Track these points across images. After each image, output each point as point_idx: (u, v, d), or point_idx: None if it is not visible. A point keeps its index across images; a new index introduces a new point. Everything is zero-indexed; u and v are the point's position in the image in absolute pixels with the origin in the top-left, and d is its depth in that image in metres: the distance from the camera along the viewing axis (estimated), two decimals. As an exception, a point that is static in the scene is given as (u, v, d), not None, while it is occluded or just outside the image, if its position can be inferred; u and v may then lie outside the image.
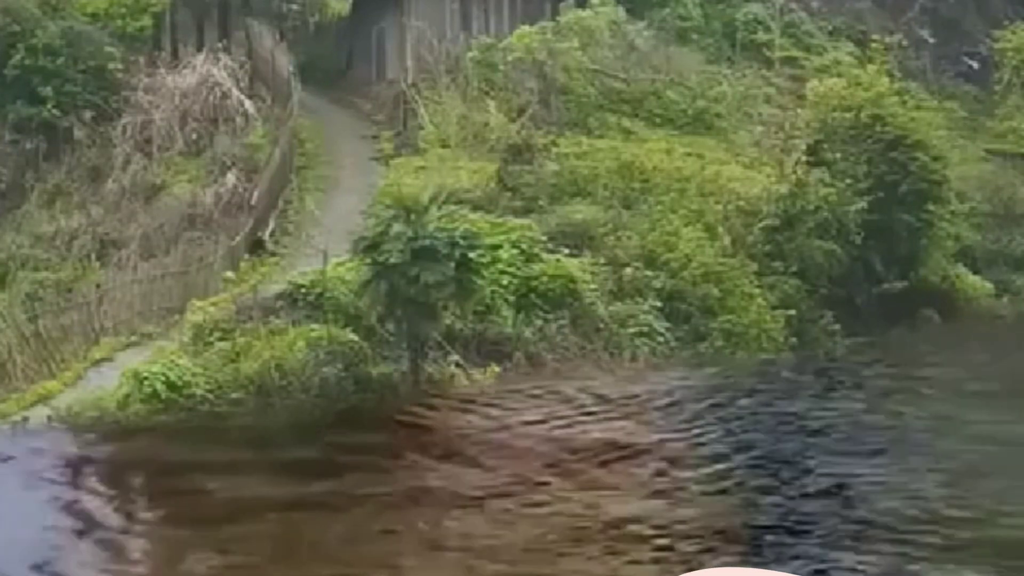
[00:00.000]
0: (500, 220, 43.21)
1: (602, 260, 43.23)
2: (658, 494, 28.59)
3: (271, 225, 45.24)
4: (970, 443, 33.04)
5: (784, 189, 46.54)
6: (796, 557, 24.72)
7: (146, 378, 35.76)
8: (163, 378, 35.83)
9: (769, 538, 25.92)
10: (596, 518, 27.12)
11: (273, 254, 44.07)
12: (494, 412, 34.86)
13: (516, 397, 36.33)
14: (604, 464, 30.61)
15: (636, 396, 36.48)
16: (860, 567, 24.28)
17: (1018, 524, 26.84)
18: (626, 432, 32.87)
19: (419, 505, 28.73)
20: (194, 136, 48.31)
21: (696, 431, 33.24)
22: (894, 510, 27.68)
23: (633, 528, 26.49)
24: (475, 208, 42.63)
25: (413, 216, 37.10)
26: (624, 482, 29.50)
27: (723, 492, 28.86)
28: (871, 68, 50.97)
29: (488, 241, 40.29)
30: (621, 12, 54.80)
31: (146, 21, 51.43)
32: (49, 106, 48.02)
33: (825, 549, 25.33)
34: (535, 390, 36.65)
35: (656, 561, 24.79)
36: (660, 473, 30.04)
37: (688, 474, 29.87)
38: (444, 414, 35.07)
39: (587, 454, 31.19)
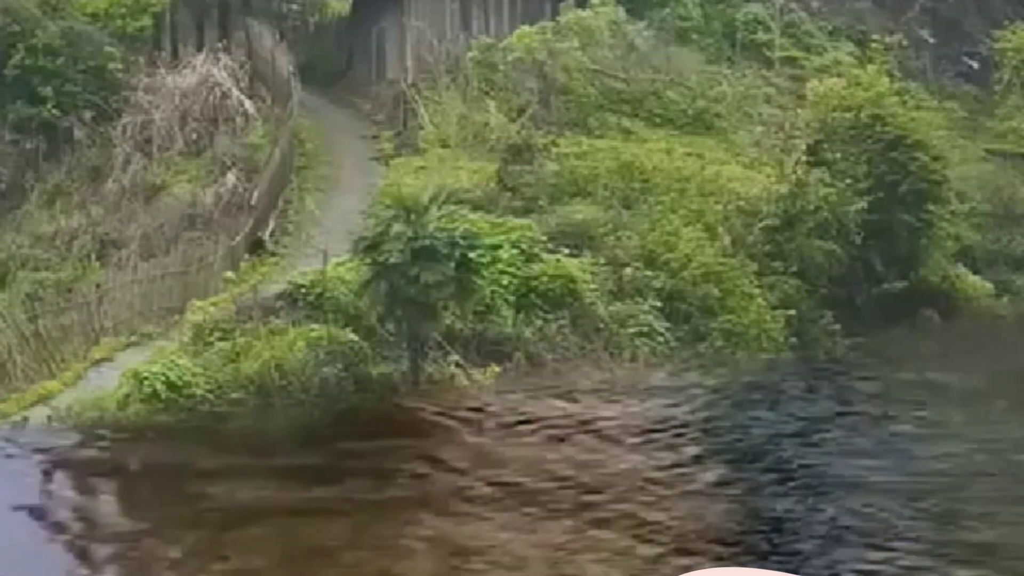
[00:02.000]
0: (500, 220, 43.19)
1: (602, 260, 43.21)
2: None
3: (271, 225, 45.23)
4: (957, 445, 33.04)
5: (784, 189, 46.53)
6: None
7: (146, 378, 35.73)
8: (163, 378, 35.80)
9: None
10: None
11: (273, 254, 44.04)
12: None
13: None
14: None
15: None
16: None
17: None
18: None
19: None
20: (194, 136, 48.30)
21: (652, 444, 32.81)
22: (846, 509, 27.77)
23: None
24: (475, 208, 42.59)
25: (413, 216, 37.09)
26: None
27: (661, 507, 28.54)
28: (871, 68, 50.97)
29: (488, 241, 40.27)
30: (621, 12, 54.79)
31: (146, 21, 51.41)
32: (49, 106, 48.00)
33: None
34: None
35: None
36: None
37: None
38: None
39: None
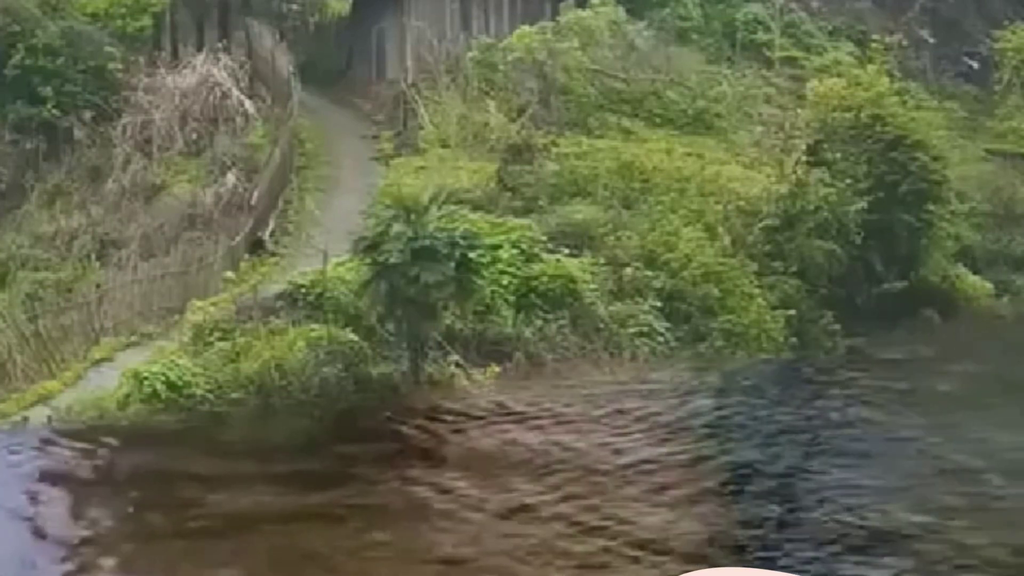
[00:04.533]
0: (500, 220, 43.19)
1: (602, 260, 43.20)
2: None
3: (271, 225, 45.24)
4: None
5: (784, 189, 46.53)
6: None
7: (146, 378, 35.73)
8: (163, 378, 35.80)
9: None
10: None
11: (273, 254, 44.06)
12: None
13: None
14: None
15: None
16: None
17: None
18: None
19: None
20: (194, 136, 48.30)
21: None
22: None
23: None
24: (475, 208, 42.60)
25: (413, 216, 37.09)
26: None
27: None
28: (871, 68, 50.99)
29: (488, 241, 40.28)
30: (621, 12, 54.81)
31: (146, 21, 51.41)
32: (49, 106, 47.98)
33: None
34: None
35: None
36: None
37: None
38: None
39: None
